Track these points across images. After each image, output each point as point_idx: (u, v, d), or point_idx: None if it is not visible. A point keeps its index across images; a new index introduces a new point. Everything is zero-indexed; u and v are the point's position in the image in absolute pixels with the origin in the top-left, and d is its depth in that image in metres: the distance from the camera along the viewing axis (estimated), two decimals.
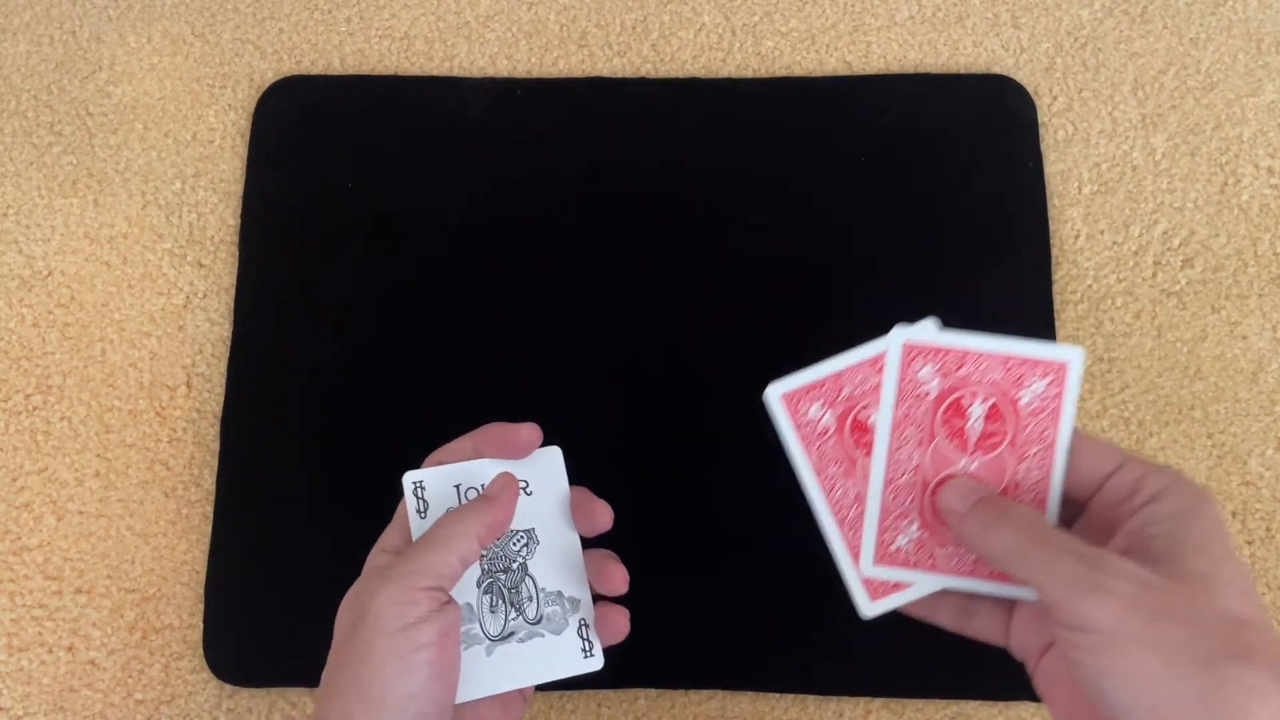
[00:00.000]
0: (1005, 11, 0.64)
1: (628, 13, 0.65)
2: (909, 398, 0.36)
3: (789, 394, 0.37)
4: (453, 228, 0.60)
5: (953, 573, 0.36)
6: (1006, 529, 0.32)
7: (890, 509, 0.36)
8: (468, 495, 0.41)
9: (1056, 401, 0.35)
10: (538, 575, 0.41)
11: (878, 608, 0.37)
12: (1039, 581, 0.31)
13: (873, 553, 0.36)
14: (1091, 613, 0.29)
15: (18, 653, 0.55)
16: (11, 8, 0.66)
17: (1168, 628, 0.28)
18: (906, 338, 0.36)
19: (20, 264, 0.61)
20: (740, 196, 0.60)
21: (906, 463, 0.36)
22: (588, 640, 0.40)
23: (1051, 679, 0.34)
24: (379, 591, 0.35)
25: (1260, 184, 0.60)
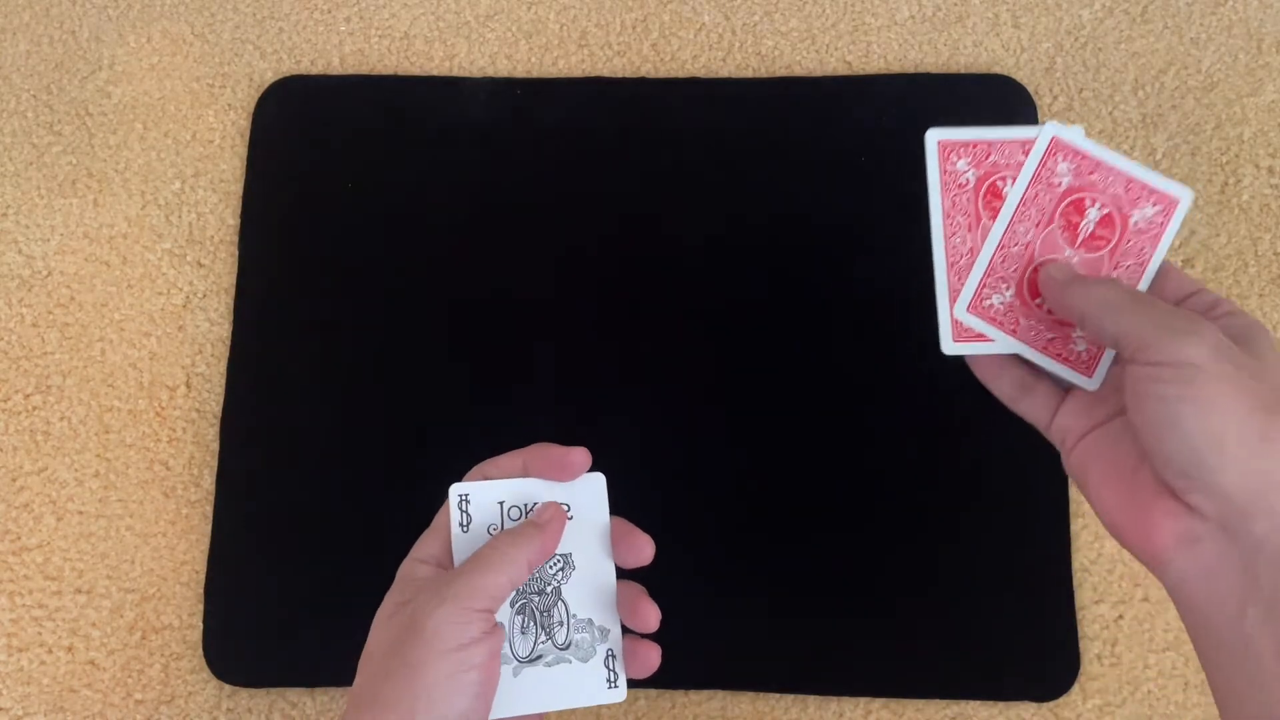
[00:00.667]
0: (1005, 11, 0.64)
1: (628, 13, 0.65)
2: (1042, 183, 0.40)
3: (945, 142, 0.41)
4: (453, 227, 0.60)
5: (1028, 342, 0.40)
6: (1106, 287, 0.36)
7: (995, 270, 0.40)
8: (510, 514, 0.41)
9: (1160, 228, 0.39)
10: (570, 601, 0.41)
11: (957, 349, 0.41)
12: (1135, 326, 0.34)
13: (969, 300, 0.40)
14: (1185, 349, 0.33)
15: (18, 653, 0.55)
16: (11, 8, 0.66)
17: (1244, 378, 0.32)
18: (1055, 133, 0.40)
19: (20, 264, 0.61)
20: (740, 196, 0.60)
21: (1022, 236, 0.40)
22: (613, 671, 0.40)
23: (1090, 453, 0.37)
24: (434, 610, 0.36)
25: (1260, 184, 0.60)
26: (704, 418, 0.57)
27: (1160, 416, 0.33)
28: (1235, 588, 0.31)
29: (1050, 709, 0.53)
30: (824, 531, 0.55)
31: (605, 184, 0.61)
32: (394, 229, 0.60)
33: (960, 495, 0.56)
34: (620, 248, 0.60)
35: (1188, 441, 0.32)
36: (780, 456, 0.56)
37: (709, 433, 0.57)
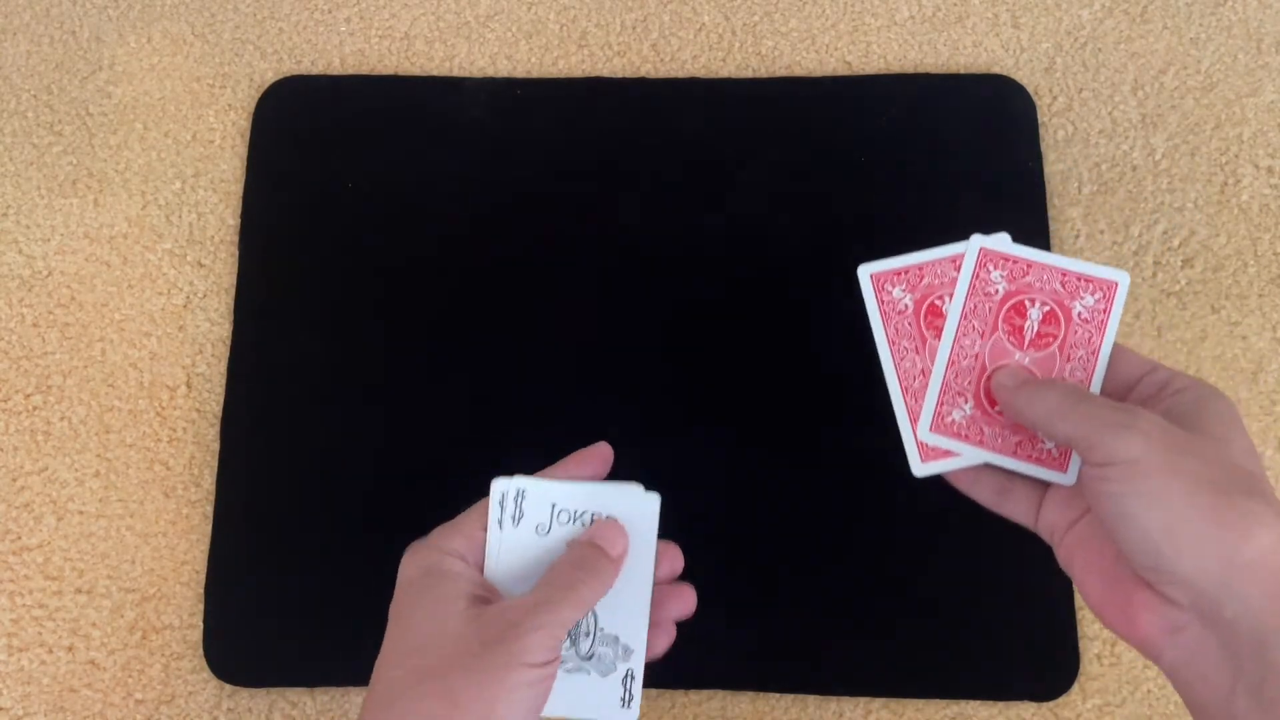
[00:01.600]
0: (1005, 11, 0.64)
1: (628, 13, 0.65)
2: (979, 294, 0.41)
3: (877, 274, 0.42)
4: (453, 227, 0.60)
5: (997, 450, 0.40)
6: (1050, 393, 0.37)
7: (950, 386, 0.41)
8: (559, 518, 0.41)
9: (1104, 315, 0.40)
10: (600, 614, 0.41)
11: (927, 469, 0.41)
12: (1077, 429, 0.35)
13: (930, 420, 0.41)
14: (1119, 445, 0.33)
15: (18, 653, 0.55)
16: (11, 8, 0.66)
17: (1188, 461, 0.33)
18: (982, 244, 0.41)
19: (20, 264, 0.61)
20: (740, 196, 0.60)
21: (970, 349, 0.41)
22: (629, 692, 0.40)
23: (1075, 548, 0.38)
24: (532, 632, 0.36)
25: (1260, 184, 0.60)
26: (704, 419, 0.57)
27: (1113, 514, 0.33)
28: (1222, 672, 0.32)
29: (1050, 709, 0.53)
30: (824, 531, 0.55)
31: (605, 184, 0.61)
32: (394, 229, 0.60)
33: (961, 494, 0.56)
34: (620, 247, 0.60)
35: (1143, 536, 0.32)
36: (780, 456, 0.56)
37: (709, 432, 0.57)
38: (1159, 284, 0.59)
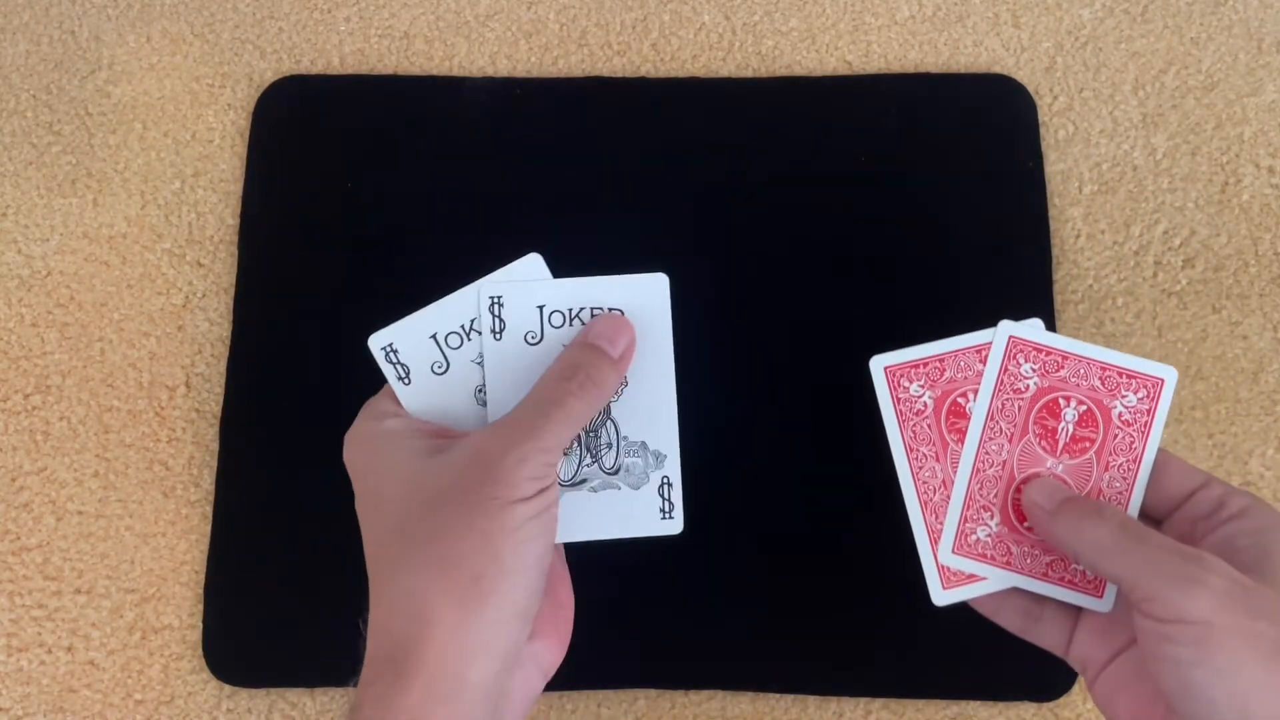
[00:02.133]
0: (1005, 11, 0.64)
1: (628, 12, 0.65)
2: (1007, 391, 0.37)
3: (892, 367, 0.38)
4: (452, 227, 0.60)
5: (1026, 573, 0.36)
6: (1099, 524, 0.33)
7: (974, 499, 0.37)
8: (551, 320, 0.36)
9: (1148, 416, 0.36)
10: (621, 421, 0.36)
11: (949, 597, 0.37)
12: (1133, 575, 0.31)
13: (952, 541, 0.37)
14: (1189, 604, 0.29)
15: (17, 653, 0.55)
16: (11, 8, 0.66)
17: (1264, 627, 0.29)
18: (1012, 332, 0.37)
19: (19, 264, 0.61)
20: (740, 196, 0.60)
21: (996, 455, 0.37)
22: (669, 500, 0.36)
23: (1116, 688, 0.34)
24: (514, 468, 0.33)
25: (1261, 184, 0.60)
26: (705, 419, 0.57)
27: (1176, 681, 0.30)
28: None
29: (1050, 709, 0.53)
30: (825, 531, 0.55)
31: (605, 184, 0.61)
32: (394, 228, 0.60)
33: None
34: (620, 247, 0.60)
35: (1209, 709, 0.29)
36: (780, 456, 0.56)
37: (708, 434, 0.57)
38: (1160, 284, 0.59)
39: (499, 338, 0.36)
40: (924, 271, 0.59)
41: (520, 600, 0.33)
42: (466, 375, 0.36)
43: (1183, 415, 0.57)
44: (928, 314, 0.58)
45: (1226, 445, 0.56)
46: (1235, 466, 0.56)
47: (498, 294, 0.36)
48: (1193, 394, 0.57)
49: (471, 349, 0.36)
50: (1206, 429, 0.57)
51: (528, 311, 0.36)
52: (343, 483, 0.57)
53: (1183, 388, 0.57)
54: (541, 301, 0.36)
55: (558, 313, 0.36)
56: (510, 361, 0.35)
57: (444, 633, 0.32)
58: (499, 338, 0.36)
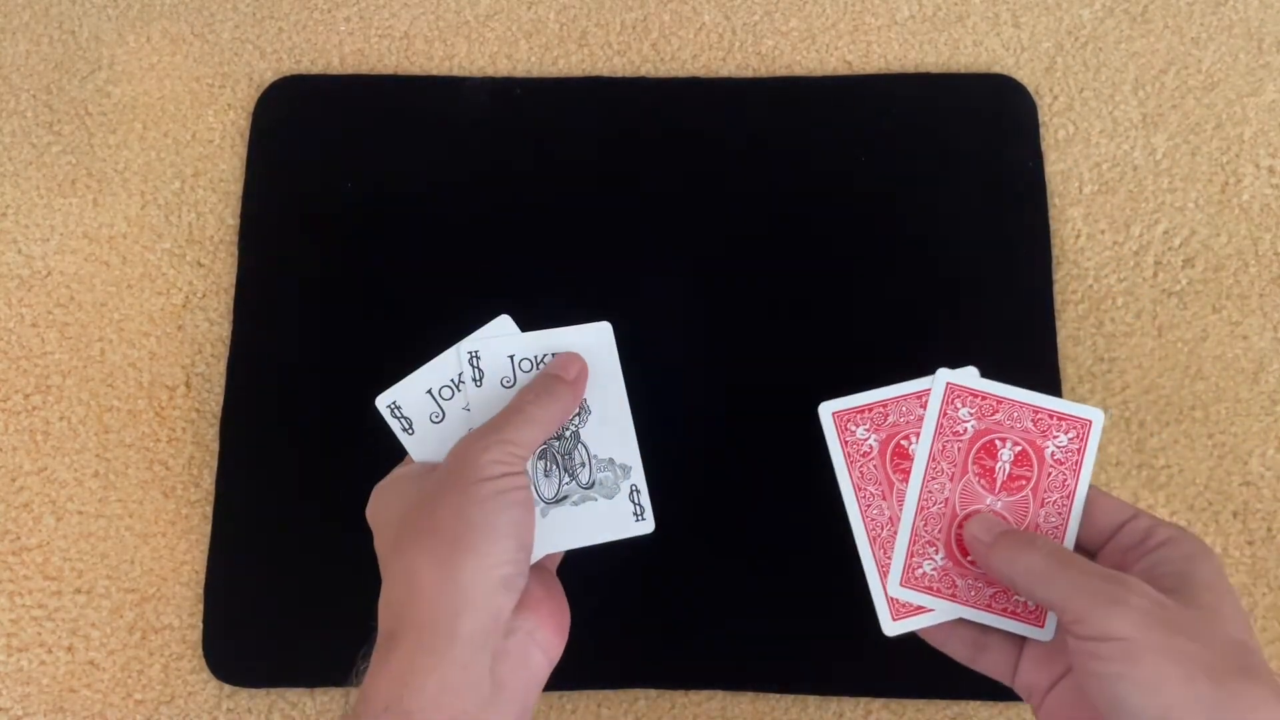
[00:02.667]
0: (1005, 11, 0.64)
1: (628, 12, 0.65)
2: (947, 434, 0.39)
3: (840, 413, 0.41)
4: (453, 227, 0.60)
5: (971, 604, 0.39)
6: (1032, 553, 0.35)
7: (920, 535, 0.39)
8: (521, 366, 0.43)
9: (1078, 455, 0.38)
10: (590, 443, 0.42)
11: (899, 627, 0.40)
12: (1062, 598, 0.33)
13: (900, 575, 0.39)
14: (1113, 623, 0.31)
15: (17, 653, 0.55)
16: (11, 8, 0.66)
17: (1182, 642, 0.31)
18: (949, 379, 0.40)
19: (20, 264, 0.61)
20: (740, 196, 0.60)
21: (939, 494, 0.39)
22: (639, 505, 0.42)
23: (1056, 712, 0.36)
24: (481, 452, 0.38)
25: (1261, 184, 0.60)
26: (705, 419, 0.57)
27: (1104, 696, 0.32)
28: None
29: None
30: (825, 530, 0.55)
31: (605, 184, 0.61)
32: (394, 228, 0.60)
33: None
34: (620, 247, 0.60)
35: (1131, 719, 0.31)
36: (779, 456, 0.56)
37: (708, 434, 0.57)
38: (1160, 284, 0.59)
39: (479, 384, 0.43)
40: (924, 271, 0.59)
41: (497, 559, 0.36)
42: (459, 420, 0.43)
43: (1182, 415, 0.57)
44: (928, 313, 0.58)
45: (1226, 445, 0.56)
46: (1235, 466, 0.56)
47: (475, 349, 0.43)
48: (1192, 394, 0.57)
49: (461, 399, 0.43)
50: (1206, 429, 0.57)
51: (501, 361, 0.43)
52: (343, 483, 0.57)
53: (1182, 387, 0.57)
54: (512, 352, 0.43)
55: (526, 360, 0.43)
56: (491, 403, 0.42)
57: (430, 589, 0.36)
58: (479, 384, 0.43)
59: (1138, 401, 0.57)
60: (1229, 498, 0.56)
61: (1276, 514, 0.55)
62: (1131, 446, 0.57)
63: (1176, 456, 0.56)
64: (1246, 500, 0.56)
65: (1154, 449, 0.57)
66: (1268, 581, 0.55)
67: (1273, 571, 0.55)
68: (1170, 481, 0.56)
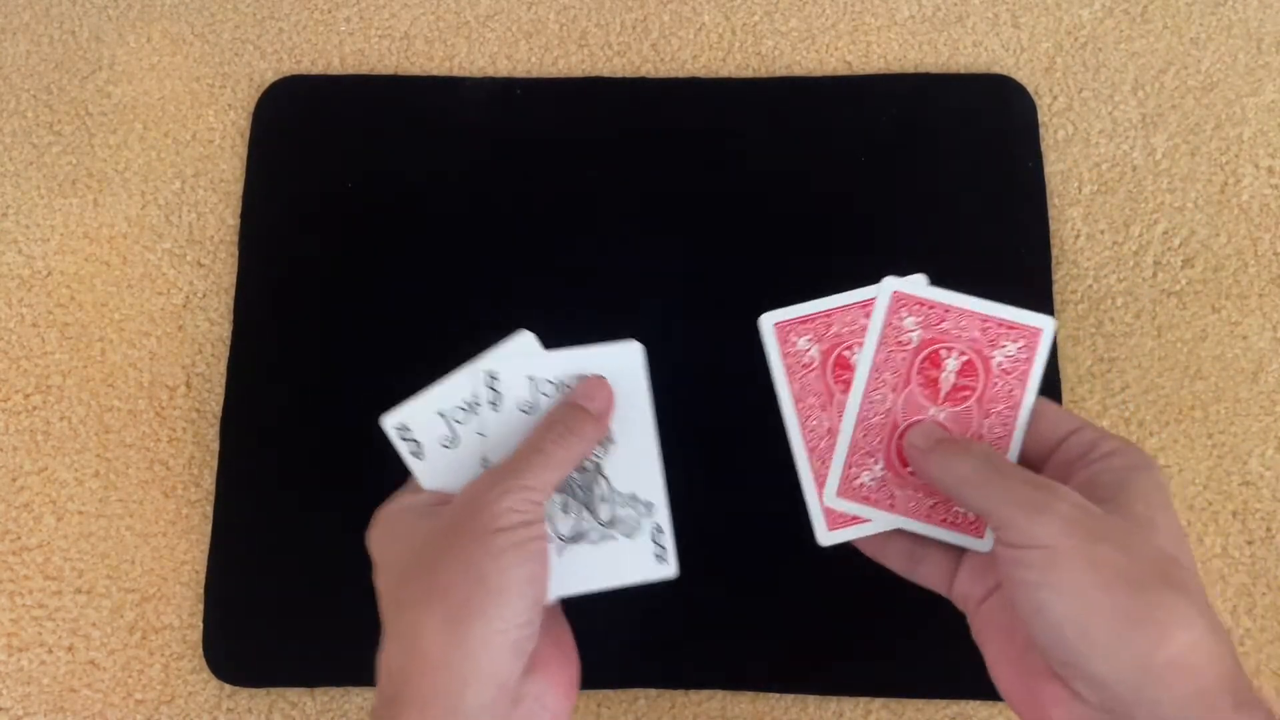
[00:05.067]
0: (1005, 11, 0.64)
1: (628, 13, 0.65)
2: (891, 343, 0.38)
3: (781, 323, 0.39)
4: (453, 227, 0.60)
5: (909, 515, 0.38)
6: (965, 459, 0.34)
7: (859, 446, 0.38)
8: (542, 389, 0.39)
9: (1026, 365, 0.37)
10: (612, 476, 0.39)
11: (834, 537, 0.39)
12: (990, 505, 0.33)
13: (837, 485, 0.38)
14: (1035, 529, 0.31)
15: (18, 653, 0.55)
16: (11, 8, 0.66)
17: (1105, 550, 0.30)
18: (896, 287, 0.38)
19: (20, 264, 0.61)
20: (740, 196, 0.60)
21: (880, 404, 0.38)
22: (661, 546, 0.39)
23: (988, 623, 0.36)
24: (498, 498, 0.35)
25: (1260, 184, 0.60)
26: (705, 421, 0.57)
27: (1026, 602, 0.31)
28: None
29: None
30: None
31: (605, 184, 0.61)
32: (394, 229, 0.60)
33: None
34: (619, 247, 0.60)
35: (1055, 630, 0.31)
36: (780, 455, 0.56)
37: (708, 433, 0.57)
38: (1159, 284, 0.59)
39: (497, 409, 0.39)
40: (923, 271, 0.59)
41: (509, 621, 0.34)
42: (472, 446, 0.39)
43: (1182, 415, 0.57)
44: None
45: (1226, 445, 0.56)
46: (1234, 466, 0.56)
47: (494, 370, 0.39)
48: (1192, 394, 0.57)
49: (476, 423, 0.39)
50: (1206, 429, 0.57)
51: (521, 383, 0.39)
52: (343, 483, 0.57)
53: (1182, 387, 0.57)
54: (532, 373, 0.39)
55: (547, 382, 0.39)
56: (508, 430, 0.38)
57: (435, 656, 0.33)
58: (497, 409, 0.39)
59: (1137, 402, 0.57)
60: (1228, 497, 0.56)
61: (1276, 514, 0.55)
62: None
63: (1176, 456, 0.56)
64: (1246, 500, 0.56)
65: (1154, 449, 0.57)
66: (1267, 581, 0.55)
67: (1272, 571, 0.55)
68: (1169, 481, 0.56)
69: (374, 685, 0.54)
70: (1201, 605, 0.30)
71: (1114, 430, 0.57)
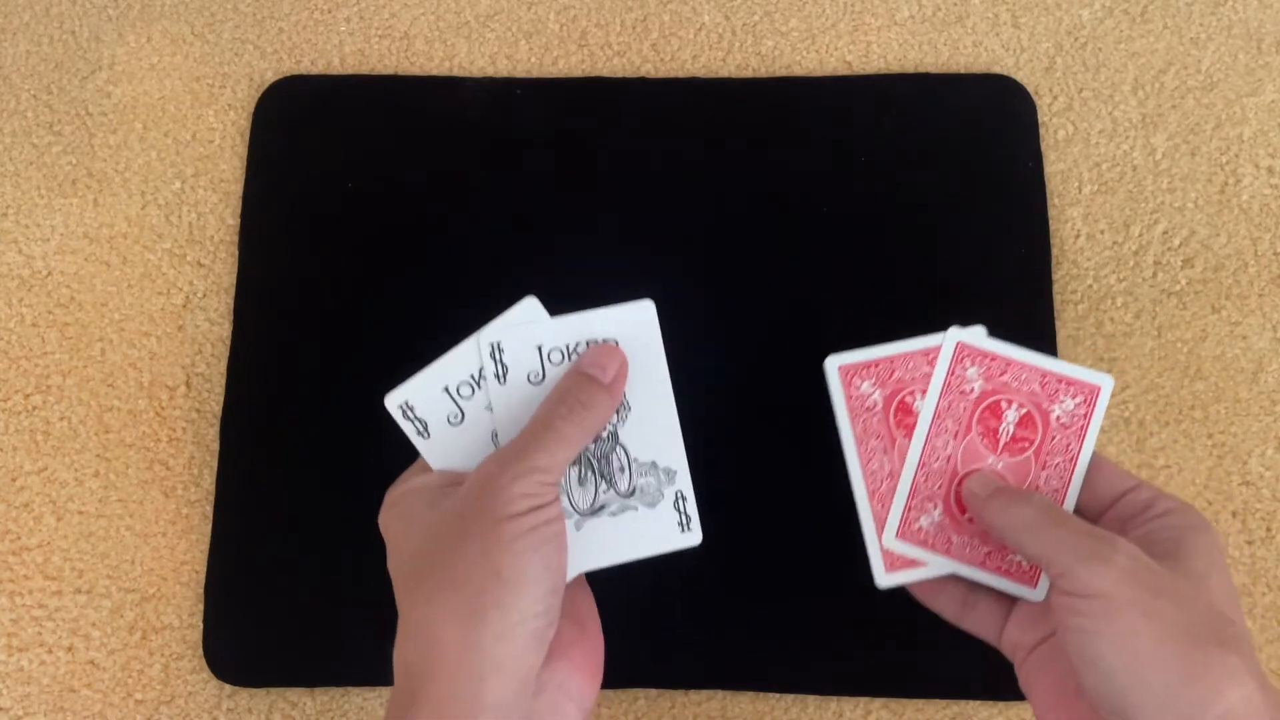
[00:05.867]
0: (1005, 11, 0.64)
1: (628, 13, 0.65)
2: (953, 392, 0.39)
3: (845, 367, 0.40)
4: (452, 227, 0.60)
5: (965, 560, 0.39)
6: (1025, 507, 0.35)
7: (919, 490, 0.39)
8: (551, 358, 0.37)
9: (1084, 420, 0.38)
10: (629, 444, 0.37)
11: (891, 579, 0.39)
12: (1050, 552, 0.33)
13: (896, 527, 0.39)
14: (1093, 578, 0.31)
15: (18, 653, 0.55)
16: (11, 8, 0.66)
17: (1162, 604, 0.31)
18: (960, 338, 0.39)
19: (20, 264, 0.61)
20: (739, 196, 0.60)
21: (941, 451, 0.39)
22: (685, 514, 0.38)
23: (1038, 672, 0.36)
24: (509, 482, 0.34)
25: (1260, 184, 0.60)
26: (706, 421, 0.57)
27: (1080, 651, 0.32)
28: None
29: None
30: (825, 530, 0.55)
31: (605, 184, 0.61)
32: (394, 229, 0.60)
33: None
34: (620, 248, 0.60)
35: (1108, 679, 0.31)
36: (780, 455, 0.56)
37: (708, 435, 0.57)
38: (1159, 284, 0.59)
39: (503, 381, 0.37)
40: (924, 271, 0.59)
41: (526, 612, 0.33)
42: (481, 422, 0.38)
43: (1182, 415, 0.57)
44: (928, 313, 0.58)
45: (1226, 445, 0.56)
46: (1234, 466, 0.56)
47: (497, 340, 0.37)
48: (1192, 394, 0.57)
49: (483, 397, 0.38)
50: (1206, 429, 0.57)
51: (528, 353, 0.37)
52: (343, 483, 0.57)
53: (1182, 387, 0.57)
54: (539, 342, 0.37)
55: (556, 350, 0.37)
56: (517, 402, 0.37)
57: (452, 651, 0.32)
58: (503, 381, 0.37)
59: (1137, 401, 0.57)
60: (1228, 497, 0.56)
61: (1276, 514, 0.55)
62: (1131, 446, 0.57)
63: (1176, 456, 0.56)
64: (1246, 500, 0.56)
65: (1154, 449, 0.57)
66: (1267, 581, 0.55)
67: (1272, 571, 0.55)
68: (1170, 481, 0.56)
69: (374, 685, 0.55)
70: (1252, 665, 0.30)
71: (1113, 429, 0.57)
